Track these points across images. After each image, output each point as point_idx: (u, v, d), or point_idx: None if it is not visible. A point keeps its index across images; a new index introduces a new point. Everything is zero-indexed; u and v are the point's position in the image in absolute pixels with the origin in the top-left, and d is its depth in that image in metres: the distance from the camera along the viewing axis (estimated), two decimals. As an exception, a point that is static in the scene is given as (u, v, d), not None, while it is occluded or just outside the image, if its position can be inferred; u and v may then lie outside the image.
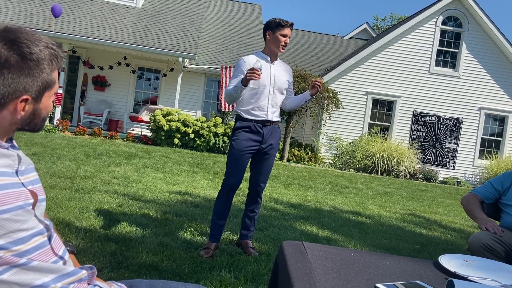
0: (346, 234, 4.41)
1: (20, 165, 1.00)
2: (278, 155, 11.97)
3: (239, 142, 3.15)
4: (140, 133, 12.83)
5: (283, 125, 12.71)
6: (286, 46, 3.18)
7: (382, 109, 13.70)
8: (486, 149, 13.89)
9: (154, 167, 7.18)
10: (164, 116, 11.32)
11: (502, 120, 13.92)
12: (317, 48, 17.78)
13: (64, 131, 11.11)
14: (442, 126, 13.69)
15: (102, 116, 12.68)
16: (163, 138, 11.17)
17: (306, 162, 12.40)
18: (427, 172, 13.03)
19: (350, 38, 19.91)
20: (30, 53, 0.97)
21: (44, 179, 4.98)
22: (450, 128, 13.70)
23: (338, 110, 13.16)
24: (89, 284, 1.05)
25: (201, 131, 11.19)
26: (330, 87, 13.01)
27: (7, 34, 0.96)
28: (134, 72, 13.71)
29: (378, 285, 1.21)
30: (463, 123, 13.75)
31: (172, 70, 13.55)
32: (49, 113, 1.09)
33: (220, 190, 3.25)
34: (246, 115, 3.17)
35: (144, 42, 12.04)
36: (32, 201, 0.98)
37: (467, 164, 13.77)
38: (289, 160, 12.38)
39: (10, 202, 0.91)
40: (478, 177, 13.70)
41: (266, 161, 3.26)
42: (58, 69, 1.05)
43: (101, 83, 13.61)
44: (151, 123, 11.34)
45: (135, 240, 3.22)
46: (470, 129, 13.79)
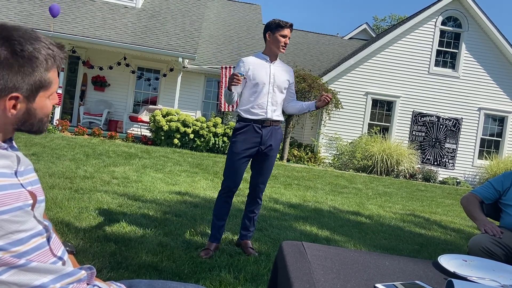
0: (346, 234, 4.41)
1: (19, 166, 1.00)
2: (278, 155, 11.97)
3: (237, 145, 3.16)
4: (139, 133, 12.83)
5: (283, 125, 12.71)
6: (286, 46, 3.20)
7: (382, 109, 13.70)
8: (485, 149, 13.90)
9: (154, 167, 7.18)
10: (163, 116, 11.32)
11: (501, 120, 13.93)
12: (316, 48, 17.79)
13: (63, 131, 11.11)
14: (441, 126, 13.69)
15: (101, 116, 12.67)
16: (163, 138, 11.17)
17: (306, 162, 12.40)
18: (427, 172, 13.03)
19: (350, 38, 19.92)
20: (21, 50, 0.95)
21: (43, 179, 4.98)
22: (449, 128, 13.71)
23: (338, 110, 13.17)
24: (88, 284, 1.05)
25: (200, 131, 11.19)
26: (329, 87, 13.02)
27: (1, 32, 0.96)
28: (133, 72, 13.71)
29: (377, 285, 1.21)
30: (463, 123, 13.75)
31: (171, 70, 13.55)
32: (47, 114, 1.07)
33: (219, 191, 3.26)
34: (245, 115, 3.18)
35: (143, 42, 12.04)
36: (31, 202, 0.98)
37: (467, 164, 13.78)
38: (288, 160, 12.38)
39: (9, 203, 0.90)
40: (478, 177, 13.70)
41: (266, 162, 3.26)
42: (57, 69, 1.04)
43: (100, 83, 13.60)
44: (151, 123, 11.34)
45: (135, 240, 3.22)
46: (469, 129, 13.79)
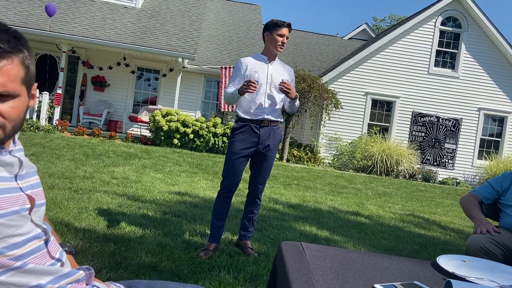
0: (345, 235, 4.41)
1: (20, 169, 1.00)
2: (277, 156, 11.97)
3: (235, 145, 3.17)
4: (139, 133, 12.83)
5: (283, 125, 12.71)
6: (284, 45, 3.20)
7: (382, 109, 13.71)
8: (485, 149, 13.90)
9: (154, 168, 7.18)
10: (163, 116, 11.32)
11: (501, 120, 13.93)
12: (316, 48, 17.79)
13: (63, 131, 11.11)
14: (441, 127, 13.70)
15: (101, 116, 12.68)
16: (163, 138, 11.17)
17: (306, 163, 12.40)
18: (426, 172, 13.03)
19: (350, 38, 19.93)
20: None
21: (43, 180, 4.98)
22: (449, 128, 13.71)
23: (338, 110, 13.17)
24: (87, 284, 1.05)
25: (200, 132, 11.19)
26: (329, 88, 13.02)
27: None
28: (133, 72, 13.71)
29: (376, 285, 1.21)
30: (462, 124, 13.76)
31: (171, 70, 13.55)
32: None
33: (218, 192, 3.27)
34: (243, 115, 3.19)
35: (143, 42, 12.04)
36: (29, 206, 0.97)
37: (466, 164, 13.79)
38: (288, 160, 12.38)
39: (5, 207, 0.90)
40: (477, 177, 13.71)
41: (264, 162, 3.26)
42: None
43: (100, 83, 13.60)
44: (151, 124, 11.34)
45: (134, 240, 3.22)
46: (469, 129, 13.80)
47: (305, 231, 4.32)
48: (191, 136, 11.14)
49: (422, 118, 13.66)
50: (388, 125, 13.68)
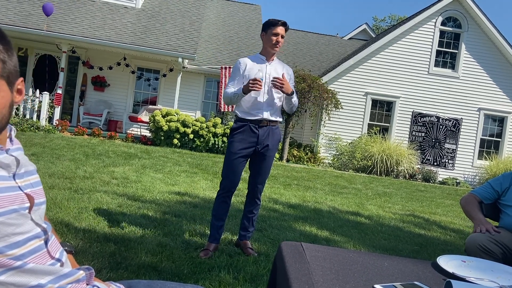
0: (345, 235, 4.41)
1: (18, 168, 0.99)
2: (277, 156, 11.97)
3: (234, 144, 3.17)
4: (139, 133, 12.83)
5: (283, 125, 12.71)
6: (279, 44, 3.18)
7: (382, 109, 13.71)
8: (485, 149, 13.90)
9: (153, 168, 7.18)
10: (163, 116, 11.32)
11: (501, 120, 13.93)
12: (316, 48, 17.79)
13: (63, 131, 11.11)
14: (441, 127, 13.70)
15: (101, 116, 12.68)
16: (163, 138, 11.17)
17: (306, 163, 12.40)
18: (427, 172, 13.03)
19: (350, 38, 19.93)
20: None
21: (43, 180, 4.98)
22: (449, 128, 13.71)
23: (338, 110, 13.17)
24: (87, 284, 1.05)
25: (200, 132, 11.19)
26: (329, 88, 13.02)
27: None
28: (133, 72, 13.71)
29: (376, 286, 1.21)
30: (462, 124, 13.76)
31: (171, 70, 13.55)
32: None
33: (218, 192, 3.27)
34: (242, 115, 3.19)
35: (143, 42, 12.04)
36: (28, 204, 0.97)
37: (466, 164, 13.78)
38: (288, 160, 12.38)
39: (3, 206, 0.90)
40: (477, 177, 13.71)
41: (264, 162, 3.26)
42: None
43: (100, 84, 13.60)
44: (151, 124, 11.34)
45: (134, 240, 3.22)
46: (469, 129, 13.80)
47: (305, 231, 4.31)
48: (191, 136, 11.14)
49: (422, 118, 13.66)
50: (388, 125, 13.68)
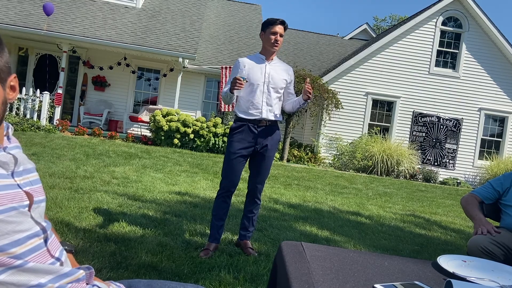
0: (346, 235, 4.40)
1: (16, 166, 0.99)
2: (277, 156, 11.97)
3: (233, 144, 3.17)
4: (139, 133, 12.83)
5: (283, 125, 12.71)
6: (278, 43, 3.18)
7: (382, 109, 13.70)
8: (486, 149, 13.89)
9: (154, 167, 7.18)
10: (163, 116, 11.32)
11: (502, 120, 13.92)
12: (317, 48, 17.79)
13: (63, 131, 11.11)
14: (442, 127, 13.69)
15: (102, 116, 12.68)
16: (163, 138, 11.17)
17: (306, 163, 12.40)
18: (427, 172, 13.02)
19: (350, 38, 19.92)
20: None
21: (43, 179, 4.98)
22: (450, 128, 13.70)
23: (338, 110, 13.17)
24: (87, 284, 1.05)
25: (200, 131, 11.19)
26: (330, 88, 13.01)
27: None
28: (134, 72, 13.72)
29: (376, 285, 1.21)
30: (463, 124, 13.75)
31: (172, 70, 13.55)
32: None
33: (217, 191, 3.27)
34: (241, 115, 3.20)
35: (144, 42, 12.04)
36: (27, 202, 0.97)
37: (467, 164, 13.78)
38: (288, 160, 12.38)
39: (2, 204, 0.90)
40: (478, 177, 13.69)
41: (263, 162, 3.25)
42: None
43: (101, 83, 13.61)
44: (151, 123, 11.34)
45: (135, 240, 3.22)
46: (470, 129, 13.79)
47: (305, 231, 4.31)
48: (192, 136, 11.14)
49: (422, 118, 13.65)
50: (388, 125, 13.67)
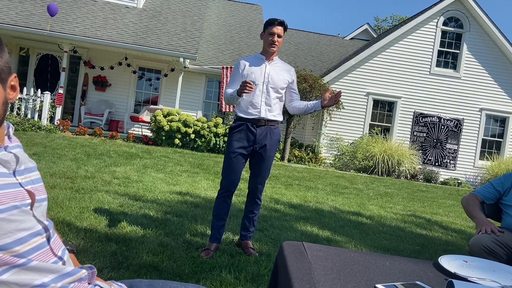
0: (347, 235, 4.40)
1: (18, 165, 1.00)
2: (278, 156, 11.97)
3: (232, 143, 3.18)
4: (140, 133, 12.83)
5: (284, 125, 12.71)
6: (276, 43, 3.17)
7: (383, 109, 13.69)
8: (487, 150, 13.88)
9: (155, 167, 7.18)
10: (164, 116, 11.32)
11: (503, 121, 13.91)
12: (318, 48, 17.79)
13: (64, 131, 11.12)
14: (442, 127, 13.68)
15: (102, 116, 12.69)
16: (164, 138, 11.17)
17: (307, 163, 12.40)
18: (428, 173, 13.01)
19: (351, 38, 19.92)
20: None
21: (44, 179, 4.98)
22: (451, 129, 13.69)
23: (339, 110, 13.16)
24: (89, 283, 1.05)
25: (201, 132, 11.19)
26: (330, 88, 12.99)
27: None
28: (135, 72, 13.72)
29: (378, 285, 1.21)
30: (464, 124, 13.74)
31: (173, 70, 13.56)
32: None
33: (218, 191, 3.27)
34: (241, 114, 3.20)
35: (145, 42, 12.05)
36: (29, 201, 0.97)
37: (468, 165, 13.76)
38: (289, 160, 12.38)
39: (4, 203, 0.90)
40: (479, 178, 13.68)
41: (262, 162, 3.25)
42: None
43: (101, 83, 13.62)
44: (152, 123, 11.34)
45: (136, 240, 3.22)
46: (471, 130, 13.78)
47: (306, 231, 4.31)
48: (192, 136, 11.14)
49: (423, 119, 13.64)
50: (389, 125, 13.67)
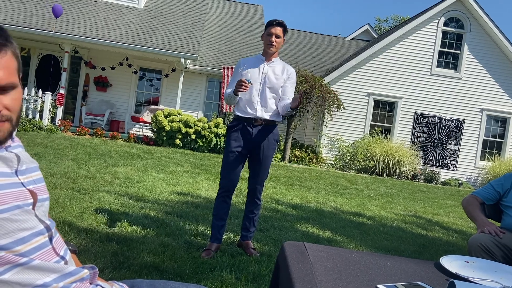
0: (347, 235, 4.40)
1: (19, 165, 1.00)
2: (279, 156, 11.97)
3: (230, 143, 3.20)
4: (141, 133, 12.84)
5: (285, 126, 12.71)
6: (274, 44, 3.17)
7: (384, 110, 13.69)
8: (487, 150, 13.87)
9: (156, 168, 7.18)
10: (165, 116, 11.33)
11: (503, 121, 13.90)
12: (318, 49, 17.79)
13: (65, 132, 11.13)
14: (443, 128, 13.67)
15: (103, 116, 12.69)
16: (165, 138, 11.18)
17: (308, 163, 12.40)
18: (429, 173, 13.01)
19: (352, 39, 19.91)
20: None
21: (45, 179, 4.99)
22: (451, 129, 13.69)
23: (340, 111, 13.16)
24: (91, 283, 1.05)
25: (202, 132, 11.19)
26: (331, 88, 13.01)
27: None
28: (135, 72, 13.73)
29: (379, 286, 1.21)
30: (465, 125, 13.73)
31: (173, 70, 13.57)
32: None
33: (217, 191, 3.28)
34: (238, 113, 3.22)
35: (146, 42, 12.05)
36: (31, 201, 0.98)
37: (469, 165, 13.75)
38: (290, 161, 12.38)
39: (7, 202, 0.91)
40: (480, 178, 13.67)
41: (260, 163, 3.25)
42: None
43: (102, 84, 13.63)
44: (153, 124, 11.35)
45: (137, 240, 3.22)
46: (471, 130, 13.77)
47: (307, 232, 4.31)
48: (193, 136, 11.14)
49: (424, 119, 13.64)
50: (390, 125, 13.66)
